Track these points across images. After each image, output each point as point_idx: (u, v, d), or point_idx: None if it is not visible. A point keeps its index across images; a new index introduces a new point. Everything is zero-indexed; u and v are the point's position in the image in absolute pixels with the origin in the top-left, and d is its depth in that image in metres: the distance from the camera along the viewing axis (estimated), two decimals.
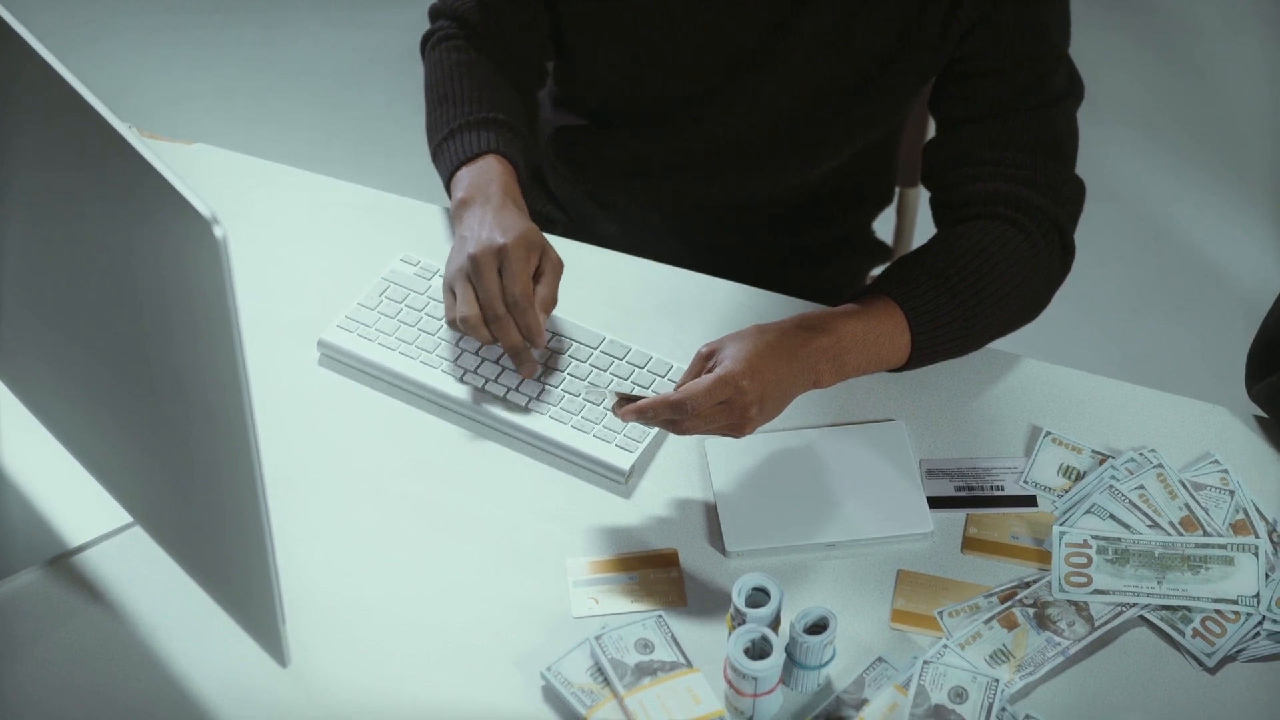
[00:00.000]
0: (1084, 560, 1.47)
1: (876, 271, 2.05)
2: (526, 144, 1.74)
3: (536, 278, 1.59)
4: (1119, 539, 1.48)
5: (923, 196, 1.99)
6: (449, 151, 1.69)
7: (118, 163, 1.08)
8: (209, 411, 1.15)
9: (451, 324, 1.58)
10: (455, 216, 1.64)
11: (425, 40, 1.81)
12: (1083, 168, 1.70)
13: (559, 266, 1.61)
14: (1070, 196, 1.67)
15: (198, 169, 1.80)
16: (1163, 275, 3.00)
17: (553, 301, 1.59)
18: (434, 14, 1.82)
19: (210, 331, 1.09)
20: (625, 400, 1.48)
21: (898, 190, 2.05)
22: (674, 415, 1.45)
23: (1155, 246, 3.03)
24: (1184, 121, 3.23)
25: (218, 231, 1.03)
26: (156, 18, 3.37)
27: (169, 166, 1.06)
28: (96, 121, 1.09)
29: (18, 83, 1.15)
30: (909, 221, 2.08)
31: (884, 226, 2.06)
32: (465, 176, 1.66)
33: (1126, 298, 2.95)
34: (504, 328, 1.56)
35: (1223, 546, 1.48)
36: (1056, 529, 1.49)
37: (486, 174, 1.65)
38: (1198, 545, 1.48)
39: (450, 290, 1.59)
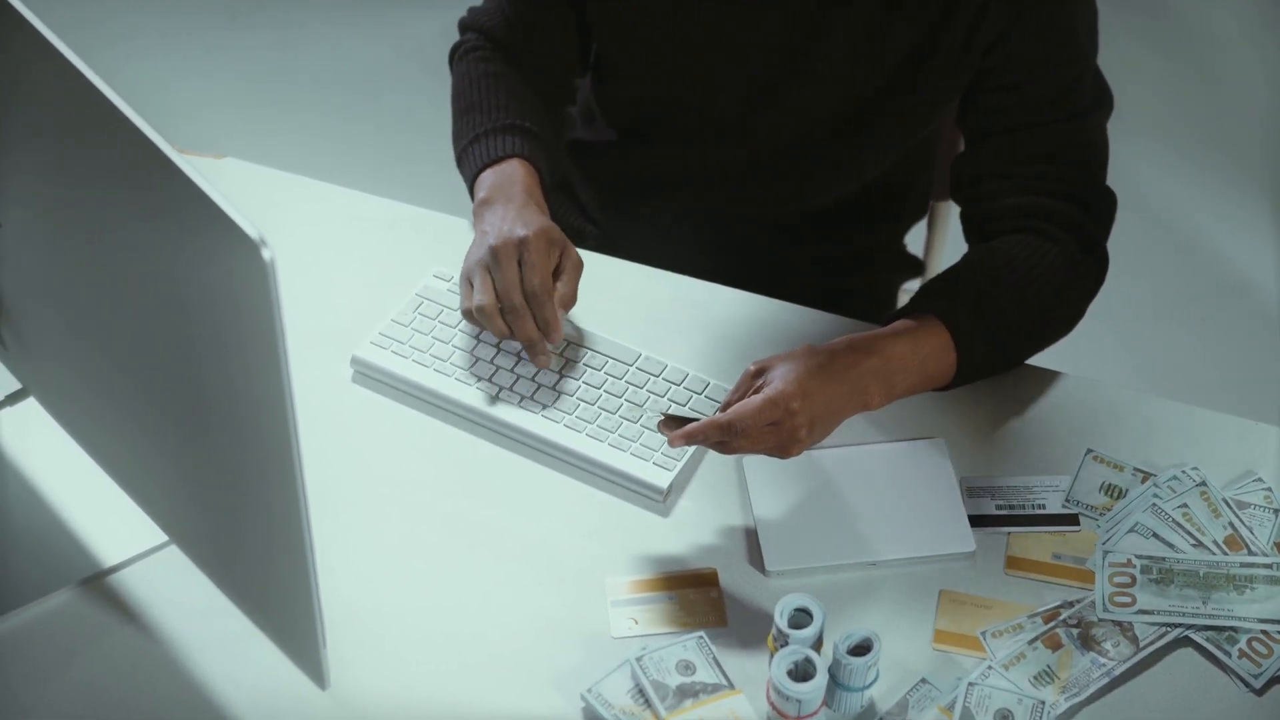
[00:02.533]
0: (1128, 580, 1.46)
1: (909, 285, 2.04)
2: (551, 153, 1.73)
3: (556, 275, 1.59)
4: (1163, 558, 1.47)
5: (955, 210, 1.97)
6: (473, 155, 1.69)
7: (163, 183, 1.07)
8: (252, 431, 1.14)
9: (467, 314, 1.58)
10: (476, 215, 1.64)
11: (453, 52, 1.81)
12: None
13: (579, 265, 1.60)
14: (1103, 207, 1.66)
15: (227, 184, 1.78)
16: (1185, 285, 2.98)
17: (572, 299, 1.59)
18: (463, 27, 1.82)
19: (256, 352, 1.08)
20: (672, 421, 1.47)
21: (929, 203, 2.03)
22: (723, 437, 1.44)
23: (1177, 256, 3.02)
24: (1204, 130, 3.22)
25: (266, 254, 1.02)
26: (165, 21, 3.36)
27: (216, 187, 1.05)
28: (141, 141, 1.08)
29: (60, 101, 1.14)
30: (940, 235, 2.07)
31: (914, 239, 2.05)
32: (488, 178, 1.66)
33: (1149, 308, 2.94)
34: (520, 319, 1.55)
35: (1268, 566, 1.46)
36: (1100, 548, 1.48)
37: (509, 176, 1.65)
38: (1243, 565, 1.46)
39: (467, 281, 1.58)
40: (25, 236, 1.29)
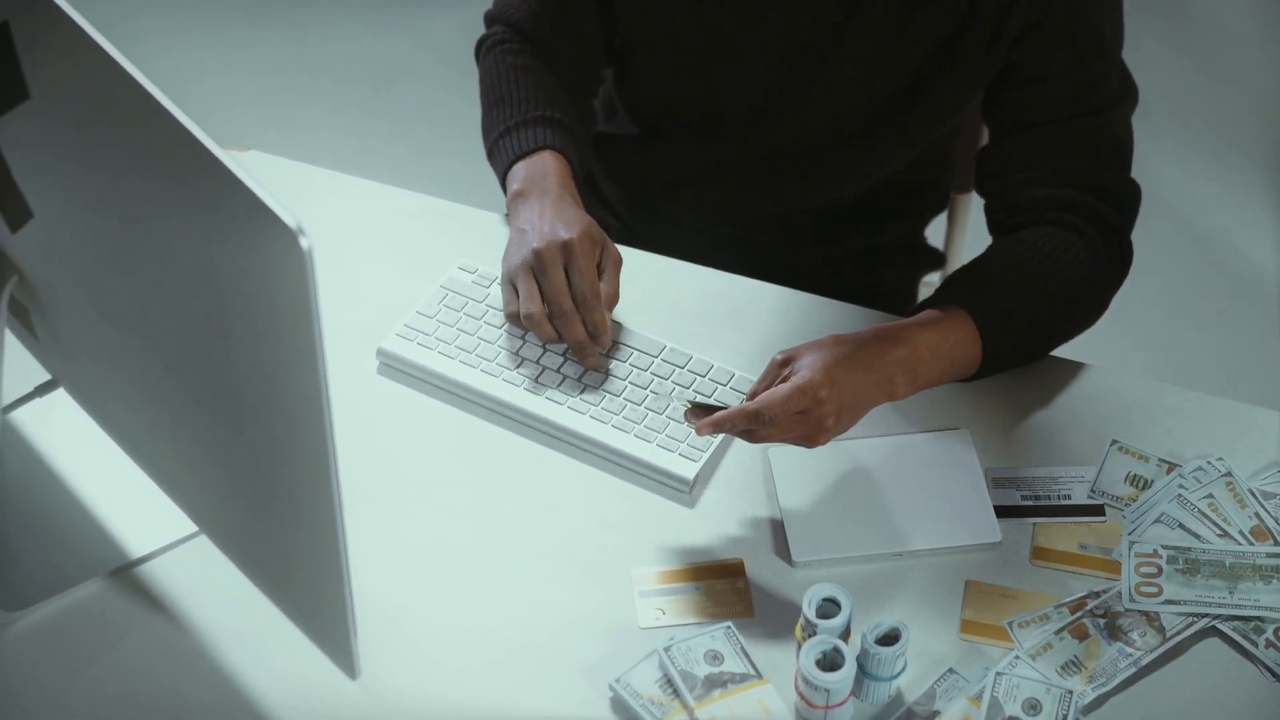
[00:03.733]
0: (1154, 570, 1.46)
1: (930, 278, 2.04)
2: (581, 145, 1.74)
3: (599, 274, 1.59)
4: (1189, 548, 1.47)
5: (975, 203, 1.97)
6: (504, 148, 1.69)
7: (201, 173, 1.08)
8: (287, 420, 1.14)
9: (512, 319, 1.58)
10: (511, 210, 1.64)
11: (480, 45, 1.82)
12: None
13: (619, 262, 1.61)
14: (1127, 200, 1.66)
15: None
16: (1203, 279, 2.98)
17: (616, 297, 1.59)
18: (488, 20, 1.82)
19: (293, 341, 1.08)
20: (699, 409, 1.47)
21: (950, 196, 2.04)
22: (751, 425, 1.44)
23: (1196, 251, 3.02)
24: (1222, 127, 3.22)
25: (304, 243, 1.03)
26: (186, 19, 3.36)
27: (254, 177, 1.05)
28: (178, 132, 1.08)
29: (96, 92, 1.15)
30: (960, 228, 2.07)
31: (935, 232, 2.05)
32: (521, 170, 1.66)
33: (1166, 302, 2.94)
34: (570, 324, 1.56)
35: None
36: (1126, 539, 1.48)
37: (542, 168, 1.65)
38: (1269, 555, 1.47)
39: (511, 284, 1.58)
40: (58, 227, 1.29)
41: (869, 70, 1.67)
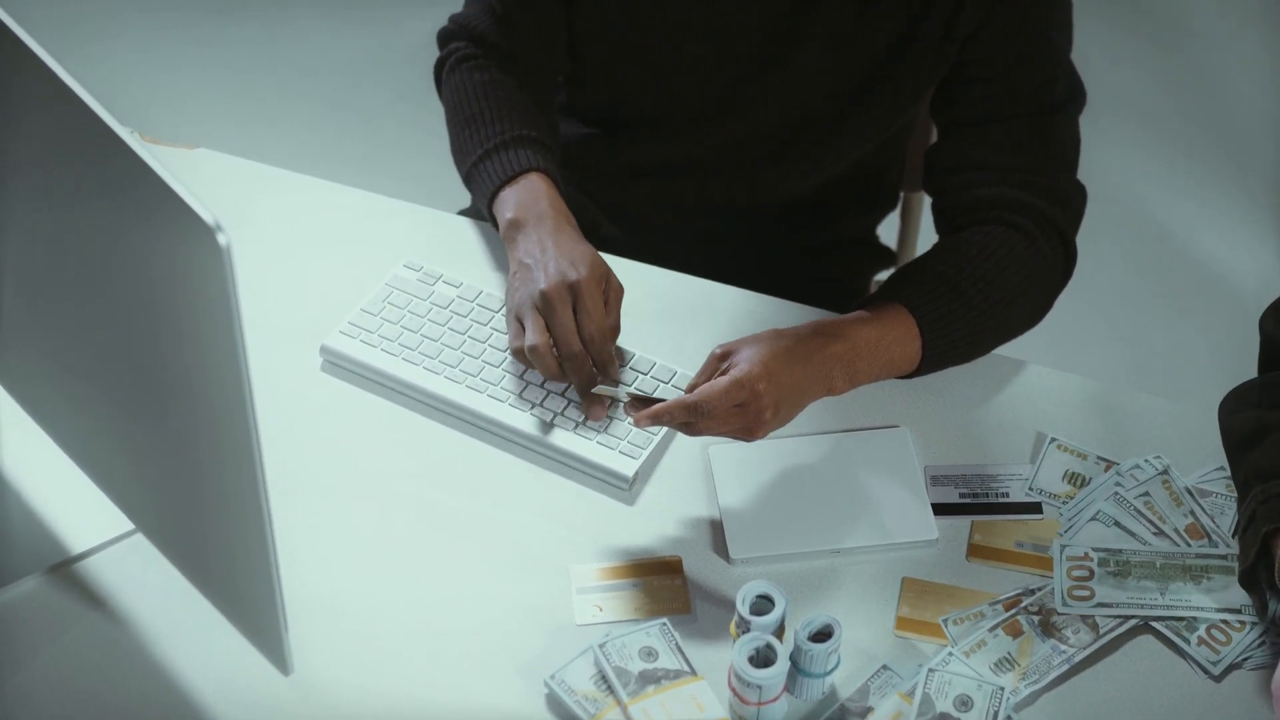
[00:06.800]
0: (1086, 573, 1.47)
1: (881, 276, 2.05)
2: (558, 158, 1.72)
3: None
4: (1120, 550, 1.48)
5: (927, 201, 1.98)
6: (486, 172, 1.66)
7: (121, 169, 1.08)
8: (211, 418, 1.15)
9: (518, 354, 1.55)
10: (507, 239, 1.61)
11: (440, 65, 1.79)
12: (1084, 168, 1.70)
13: (621, 292, 1.58)
14: (1073, 202, 1.67)
15: (200, 174, 1.79)
16: (1165, 276, 2.99)
17: (618, 330, 1.57)
18: (446, 36, 1.80)
19: (213, 338, 1.09)
20: (638, 402, 1.48)
21: (901, 195, 2.04)
22: (689, 418, 1.45)
23: (1157, 247, 3.03)
24: (1185, 121, 3.23)
25: (221, 239, 1.03)
26: (155, 16, 3.37)
27: (172, 172, 1.05)
28: (98, 126, 1.09)
29: (17, 86, 1.15)
30: (913, 226, 2.08)
31: (887, 231, 2.05)
32: (510, 196, 1.63)
33: (1128, 299, 2.95)
34: (579, 366, 1.53)
35: (1223, 557, 1.47)
36: (1057, 543, 1.49)
37: (533, 192, 1.63)
38: (1199, 555, 1.47)
39: (517, 319, 1.55)
40: None
41: (823, 66, 1.68)
